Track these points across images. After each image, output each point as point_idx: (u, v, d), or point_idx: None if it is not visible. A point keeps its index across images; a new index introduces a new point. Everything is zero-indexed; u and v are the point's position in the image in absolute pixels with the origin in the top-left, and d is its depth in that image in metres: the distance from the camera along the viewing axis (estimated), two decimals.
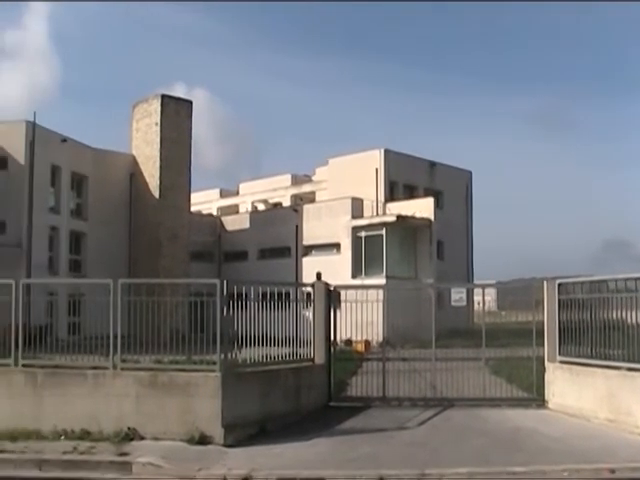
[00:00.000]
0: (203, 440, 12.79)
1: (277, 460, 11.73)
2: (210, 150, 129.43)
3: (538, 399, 16.34)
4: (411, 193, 49.39)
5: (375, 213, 46.04)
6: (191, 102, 47.83)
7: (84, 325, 15.37)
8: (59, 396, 13.78)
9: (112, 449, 12.41)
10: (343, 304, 16.80)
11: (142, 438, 13.06)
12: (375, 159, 48.25)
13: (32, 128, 40.31)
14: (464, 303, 17.91)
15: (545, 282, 16.30)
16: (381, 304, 17.14)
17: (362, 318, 16.59)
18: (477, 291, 20.58)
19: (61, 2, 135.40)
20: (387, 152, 48.34)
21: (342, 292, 17.06)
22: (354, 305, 16.39)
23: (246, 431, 13.30)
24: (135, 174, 46.56)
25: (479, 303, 17.87)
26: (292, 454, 12.16)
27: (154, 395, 13.36)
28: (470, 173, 55.30)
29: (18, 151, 40.43)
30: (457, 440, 13.20)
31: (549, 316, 16.07)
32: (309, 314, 16.42)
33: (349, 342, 21.24)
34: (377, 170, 47.80)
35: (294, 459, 11.79)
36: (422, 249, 44.86)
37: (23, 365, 14.31)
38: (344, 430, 14.14)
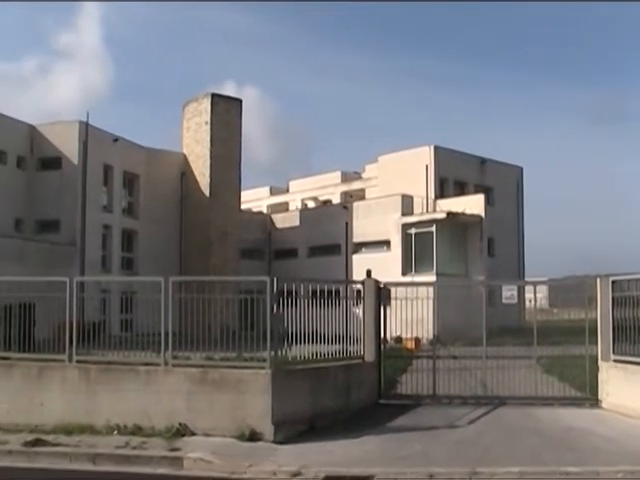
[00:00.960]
0: (253, 437, 12.85)
1: (327, 457, 11.74)
2: (260, 148, 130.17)
3: (591, 398, 16.08)
4: (461, 190, 49.02)
5: (425, 210, 45.80)
6: (241, 101, 48.14)
7: (136, 322, 15.56)
8: (112, 392, 13.99)
9: (163, 444, 12.55)
10: (393, 301, 16.74)
11: (193, 434, 13.18)
12: (425, 156, 47.96)
13: (85, 128, 40.94)
14: (515, 300, 17.72)
15: (598, 279, 16.03)
16: (431, 301, 17.03)
17: (412, 315, 16.50)
18: (528, 288, 20.37)
19: (113, 4, 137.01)
20: (437, 149, 48.04)
21: (392, 289, 16.98)
22: (404, 302, 16.35)
23: (296, 428, 13.33)
24: (186, 173, 46.99)
25: (530, 300, 17.67)
26: (342, 451, 12.15)
27: (205, 391, 13.47)
28: (521, 169, 54.67)
29: (72, 151, 41.15)
30: (508, 439, 13.06)
31: (602, 314, 15.79)
32: (359, 311, 16.39)
33: (399, 339, 21.13)
34: (427, 167, 47.52)
35: (344, 456, 11.79)
36: (472, 246, 44.51)
37: (77, 361, 14.56)
38: (394, 428, 14.10)
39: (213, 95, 46.49)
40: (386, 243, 45.35)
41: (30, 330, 15.46)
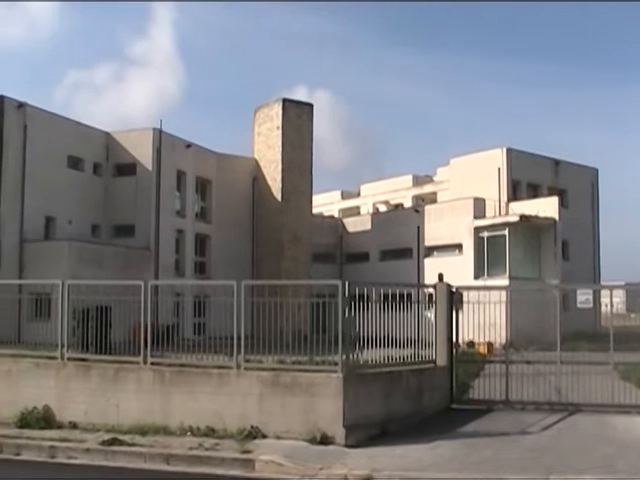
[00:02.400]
0: (324, 440, 12.88)
1: (398, 461, 11.70)
2: (332, 151, 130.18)
3: None
4: (534, 192, 48.33)
5: (498, 213, 45.30)
6: (312, 105, 48.34)
7: (209, 325, 15.75)
8: (185, 394, 14.19)
9: (236, 446, 12.67)
10: (465, 305, 16.58)
11: (265, 436, 13.28)
12: (497, 158, 47.44)
13: (159, 135, 41.77)
14: (590, 305, 17.36)
15: None
16: (504, 305, 16.81)
17: (485, 320, 16.33)
18: (604, 293, 19.92)
19: (184, 11, 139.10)
20: (509, 151, 47.46)
21: (464, 293, 16.84)
22: (476, 306, 16.17)
23: (367, 432, 13.32)
24: (257, 178, 47.40)
25: (607, 305, 17.24)
26: (413, 456, 12.09)
27: (276, 395, 13.55)
28: (596, 171, 53.61)
29: (146, 157, 41.98)
30: (583, 447, 12.80)
31: None
32: (431, 315, 16.30)
33: (471, 344, 20.91)
34: (499, 169, 46.99)
35: (415, 461, 11.72)
36: (546, 249, 43.84)
37: (152, 363, 14.80)
38: (466, 433, 13.96)
39: (284, 100, 46.80)
40: (458, 247, 44.98)
41: (106, 332, 15.82)
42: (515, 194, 47.57)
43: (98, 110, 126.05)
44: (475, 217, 44.29)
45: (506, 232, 42.57)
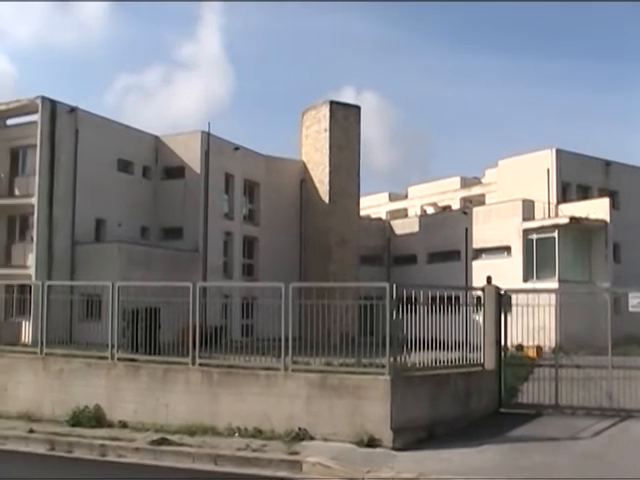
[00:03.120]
0: (372, 443, 12.87)
1: (445, 465, 11.64)
2: (379, 153, 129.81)
3: None
4: (584, 194, 47.62)
5: (547, 215, 44.76)
6: (359, 107, 48.30)
7: (256, 327, 15.83)
8: (233, 395, 14.29)
9: (283, 448, 12.73)
10: (514, 308, 16.41)
11: (312, 438, 13.32)
12: (546, 159, 46.87)
13: (207, 138, 42.11)
14: None
15: None
16: (553, 308, 16.60)
17: (534, 323, 16.14)
18: None
19: (232, 13, 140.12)
20: (559, 152, 46.84)
21: (513, 296, 16.66)
22: (525, 309, 16.00)
23: (415, 435, 13.28)
24: (305, 180, 47.51)
25: None
26: (461, 460, 12.02)
27: (324, 397, 13.58)
28: None
29: (194, 160, 42.37)
30: (636, 453, 12.59)
31: None
32: (479, 318, 16.19)
33: (520, 347, 20.70)
34: (549, 171, 46.42)
35: (463, 465, 11.66)
36: (597, 252, 43.16)
37: (200, 364, 14.94)
38: (514, 437, 13.83)
39: (332, 102, 46.83)
40: (507, 249, 44.52)
41: (155, 333, 16.02)
42: (565, 196, 46.94)
43: (147, 113, 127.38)
44: (524, 219, 43.82)
45: (555, 234, 42.04)
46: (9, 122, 40.93)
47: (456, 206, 56.79)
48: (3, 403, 16.66)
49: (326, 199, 45.78)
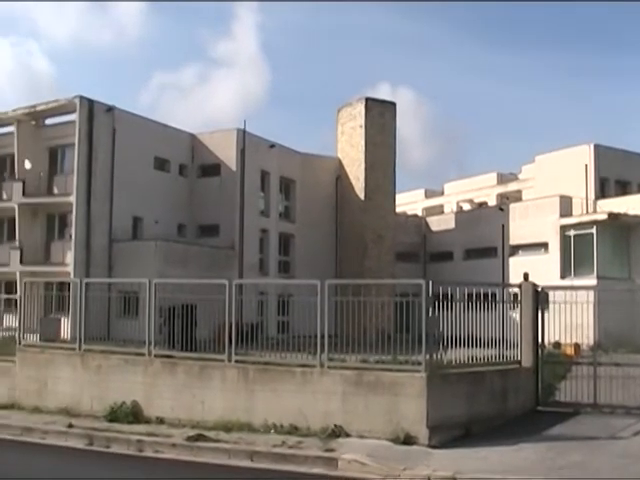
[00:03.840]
0: (408, 440, 12.82)
1: (482, 463, 11.55)
2: (415, 150, 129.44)
3: None
4: (623, 189, 47.09)
5: (585, 211, 44.30)
6: (395, 104, 48.22)
7: (292, 324, 15.83)
8: (269, 391, 14.33)
9: (319, 445, 12.73)
10: (551, 305, 16.25)
11: (347, 435, 13.30)
12: (584, 155, 46.40)
13: (243, 136, 42.24)
14: None
15: None
16: (592, 306, 16.42)
17: (571, 320, 15.96)
18: None
19: (267, 11, 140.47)
20: (597, 147, 46.36)
21: (550, 293, 16.50)
22: (563, 307, 15.82)
23: (451, 433, 13.20)
24: (341, 177, 47.50)
25: None
26: (497, 458, 11.92)
27: (360, 394, 13.55)
28: None
29: (230, 158, 42.56)
30: None
31: None
32: (516, 315, 16.04)
33: (557, 345, 20.50)
34: (586, 166, 45.96)
35: (499, 463, 11.55)
36: (636, 248, 42.55)
37: (236, 361, 14.98)
38: (552, 436, 13.67)
39: (367, 99, 46.77)
40: (544, 245, 44.14)
41: (192, 330, 16.09)
42: (603, 191, 46.46)
43: (183, 111, 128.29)
44: (561, 215, 43.40)
45: (594, 230, 41.57)
46: (48, 122, 41.45)
47: (492, 202, 56.50)
48: (43, 398, 16.90)
49: (362, 196, 45.72)
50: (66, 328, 19.32)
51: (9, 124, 41.02)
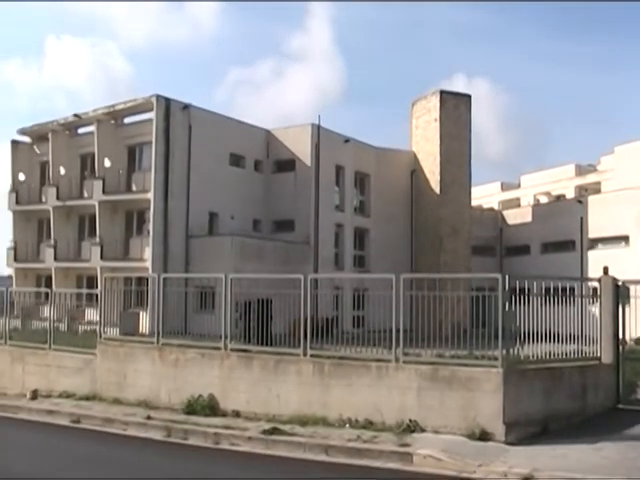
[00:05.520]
0: (483, 436, 12.68)
1: (560, 462, 11.33)
2: (491, 142, 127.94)
3: None
4: None
5: None
6: (470, 96, 47.60)
7: (368, 318, 15.82)
8: (344, 386, 14.35)
9: (393, 439, 12.71)
10: (632, 300, 15.85)
11: (422, 430, 13.24)
12: None
13: (317, 131, 42.31)
14: None
15: None
16: None
17: None
18: None
19: (340, 5, 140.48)
20: None
21: (631, 287, 16.08)
22: None
23: (528, 429, 13.01)
24: (416, 171, 47.22)
25: None
26: (576, 457, 11.67)
27: (435, 389, 13.47)
28: None
29: (305, 153, 42.65)
30: None
31: None
32: (595, 310, 15.71)
33: (639, 341, 20.02)
34: None
35: (578, 462, 11.30)
36: None
37: (311, 355, 15.06)
38: (634, 435, 13.30)
39: (442, 92, 46.34)
40: (624, 239, 43.06)
41: (267, 324, 16.22)
42: None
43: (258, 107, 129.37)
44: None
45: None
46: (126, 120, 42.28)
47: (570, 195, 55.45)
48: (123, 390, 17.32)
49: (437, 189, 45.36)
50: (144, 322, 19.68)
51: (90, 124, 42.08)
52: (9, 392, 19.43)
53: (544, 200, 58.36)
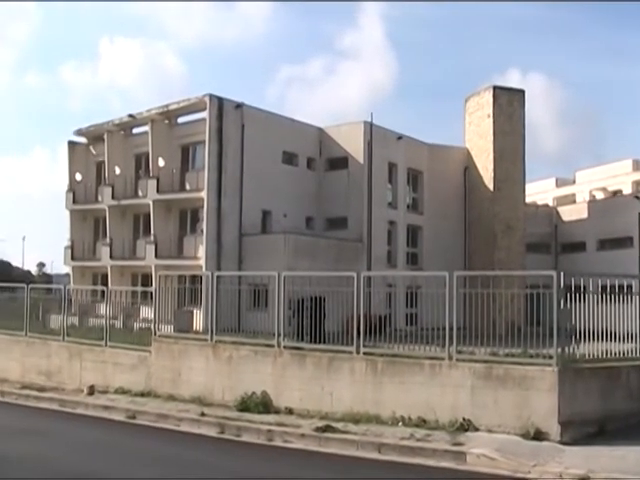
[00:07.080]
0: (538, 436, 12.55)
1: (618, 463, 11.13)
2: (546, 137, 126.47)
3: None
4: None
5: None
6: (523, 91, 47.01)
7: (421, 316, 15.73)
8: (397, 384, 14.32)
9: (447, 438, 12.64)
10: None
11: (476, 429, 13.15)
12: None
13: (369, 128, 42.21)
14: None
15: None
16: None
17: None
18: None
19: (393, 2, 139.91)
20: None
21: None
22: None
23: (583, 429, 12.83)
24: (469, 167, 46.82)
25: None
26: (635, 458, 11.44)
27: (488, 387, 13.37)
28: None
29: (357, 150, 42.57)
30: None
31: None
32: None
33: None
34: None
35: (637, 464, 11.07)
36: None
37: (364, 353, 15.06)
38: None
39: (495, 88, 45.85)
40: None
41: (320, 322, 16.26)
42: None
43: (310, 105, 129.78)
44: None
45: None
46: (180, 120, 42.70)
47: (627, 190, 54.39)
48: (177, 386, 17.52)
49: (491, 186, 44.91)
50: (198, 320, 19.88)
51: (144, 124, 42.56)
52: (67, 387, 19.82)
53: (600, 196, 57.38)
